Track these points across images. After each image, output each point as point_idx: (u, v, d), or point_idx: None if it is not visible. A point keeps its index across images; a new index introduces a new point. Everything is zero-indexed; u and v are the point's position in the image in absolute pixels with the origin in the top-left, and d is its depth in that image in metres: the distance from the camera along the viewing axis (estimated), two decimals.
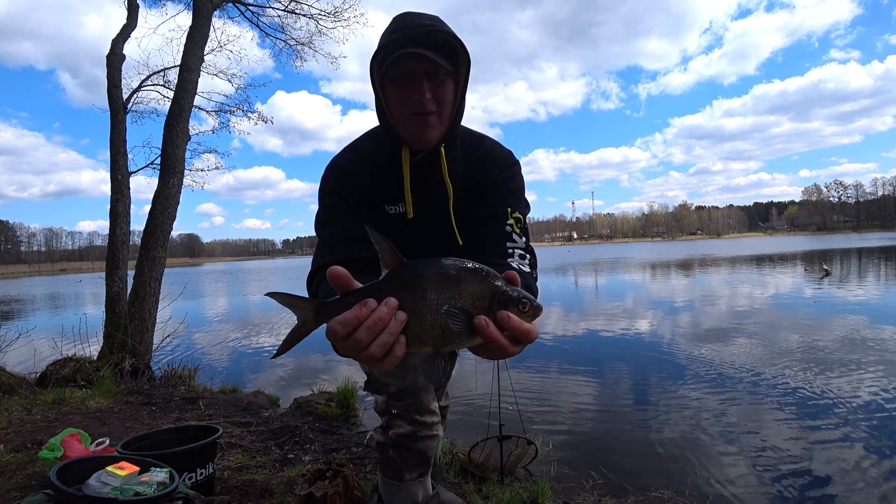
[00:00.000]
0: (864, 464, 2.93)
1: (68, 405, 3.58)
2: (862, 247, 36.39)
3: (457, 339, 0.64)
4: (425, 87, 1.06)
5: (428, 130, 1.10)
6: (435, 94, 1.07)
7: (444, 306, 0.62)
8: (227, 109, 6.74)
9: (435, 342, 0.64)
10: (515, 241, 1.13)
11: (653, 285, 15.86)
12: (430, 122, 1.09)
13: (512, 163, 1.29)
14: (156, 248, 5.17)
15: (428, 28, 1.05)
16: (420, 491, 1.46)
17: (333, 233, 1.16)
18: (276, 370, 6.23)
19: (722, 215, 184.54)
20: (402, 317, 0.62)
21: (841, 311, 8.49)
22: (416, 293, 0.62)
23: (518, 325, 0.62)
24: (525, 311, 0.64)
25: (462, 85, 1.12)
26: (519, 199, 1.24)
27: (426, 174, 1.19)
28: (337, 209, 1.19)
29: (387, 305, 0.61)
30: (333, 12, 6.84)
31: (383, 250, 0.65)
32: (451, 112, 1.13)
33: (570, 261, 36.52)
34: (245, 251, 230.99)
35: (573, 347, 6.74)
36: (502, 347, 0.62)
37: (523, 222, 1.18)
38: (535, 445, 2.70)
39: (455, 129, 1.17)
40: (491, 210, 1.18)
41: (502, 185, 1.24)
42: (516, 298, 0.64)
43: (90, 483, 1.51)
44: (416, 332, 0.63)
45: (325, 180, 1.24)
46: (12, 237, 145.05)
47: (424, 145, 1.14)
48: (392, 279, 0.64)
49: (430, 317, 0.63)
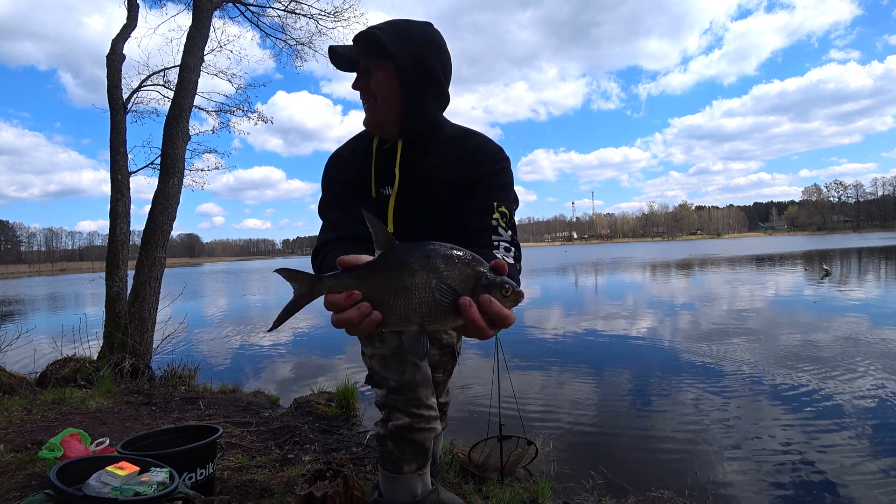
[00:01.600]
0: (864, 463, 2.93)
1: (68, 405, 3.58)
2: (862, 247, 36.40)
3: (441, 317, 0.68)
4: (357, 78, 1.24)
5: (367, 114, 1.27)
6: (362, 82, 1.23)
7: (433, 282, 0.66)
8: (227, 109, 6.74)
9: (421, 320, 0.68)
10: (501, 235, 1.17)
11: (653, 285, 15.86)
12: (366, 109, 1.26)
13: (501, 158, 1.33)
14: (156, 248, 5.17)
15: (367, 30, 1.20)
16: (419, 484, 1.47)
17: (337, 214, 1.27)
18: (276, 370, 6.24)
19: (722, 215, 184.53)
20: (375, 318, 0.67)
21: (841, 311, 8.49)
22: (405, 273, 0.67)
23: (498, 310, 0.67)
24: (507, 296, 0.68)
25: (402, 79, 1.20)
26: (507, 193, 1.28)
27: (387, 163, 1.31)
28: (338, 195, 1.31)
29: (359, 310, 0.67)
30: (333, 12, 6.84)
31: (378, 232, 0.71)
32: (394, 99, 1.22)
33: (569, 261, 36.52)
34: (245, 251, 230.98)
35: (573, 347, 6.74)
36: (480, 329, 0.68)
37: (509, 217, 1.22)
38: (535, 445, 2.71)
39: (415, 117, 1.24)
40: (478, 204, 1.23)
41: (490, 180, 1.28)
42: (499, 283, 0.68)
43: (90, 483, 1.51)
44: (404, 310, 0.68)
45: (327, 168, 1.37)
46: (12, 237, 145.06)
47: (374, 130, 1.30)
48: (385, 259, 0.69)
49: (418, 296, 0.67)
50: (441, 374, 1.71)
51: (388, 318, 0.68)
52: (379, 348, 1.43)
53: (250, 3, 6.76)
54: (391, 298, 0.68)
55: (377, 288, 0.68)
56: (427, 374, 1.46)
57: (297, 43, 7.14)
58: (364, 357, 1.50)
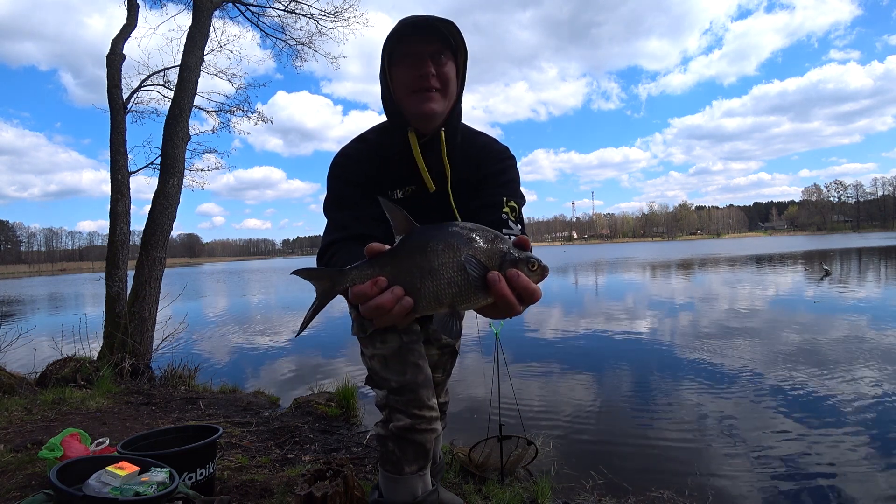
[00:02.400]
0: (864, 463, 2.93)
1: (68, 405, 3.58)
2: (862, 246, 36.39)
3: (472, 295, 0.66)
4: (429, 64, 1.16)
5: (430, 103, 1.18)
6: (438, 73, 1.17)
7: (461, 257, 0.65)
8: (227, 109, 6.76)
9: (452, 300, 0.67)
10: (511, 229, 1.17)
11: (653, 286, 15.86)
12: (433, 97, 1.18)
13: (507, 156, 1.35)
14: (156, 248, 5.17)
15: (433, 18, 1.14)
16: (420, 485, 1.47)
17: (342, 213, 1.23)
18: (276, 370, 6.24)
19: (722, 215, 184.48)
20: (407, 303, 0.65)
21: (841, 310, 8.49)
22: (431, 254, 0.66)
23: (526, 284, 0.66)
24: (533, 270, 0.68)
25: (461, 75, 1.22)
26: (514, 189, 1.28)
27: (429, 155, 1.27)
28: (345, 195, 1.26)
29: (392, 293, 0.65)
30: (333, 12, 6.85)
31: (397, 218, 0.69)
32: (454, 92, 1.22)
33: (569, 261, 36.51)
34: (245, 251, 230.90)
35: (573, 347, 6.74)
36: (510, 305, 0.66)
37: (518, 211, 1.23)
38: (535, 445, 2.71)
39: (456, 112, 1.25)
40: (487, 200, 1.23)
41: (497, 176, 1.29)
42: (525, 258, 0.68)
43: (90, 483, 1.51)
44: (433, 291, 0.66)
45: (333, 167, 1.32)
46: (12, 237, 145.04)
47: (427, 120, 1.21)
48: (407, 244, 0.68)
49: (447, 275, 0.65)
50: (441, 374, 1.71)
51: (419, 302, 0.66)
52: (379, 349, 1.43)
53: (250, 3, 6.77)
54: (419, 281, 0.66)
55: (403, 272, 0.66)
56: (428, 374, 1.46)
57: (297, 43, 7.16)
58: (364, 358, 1.50)
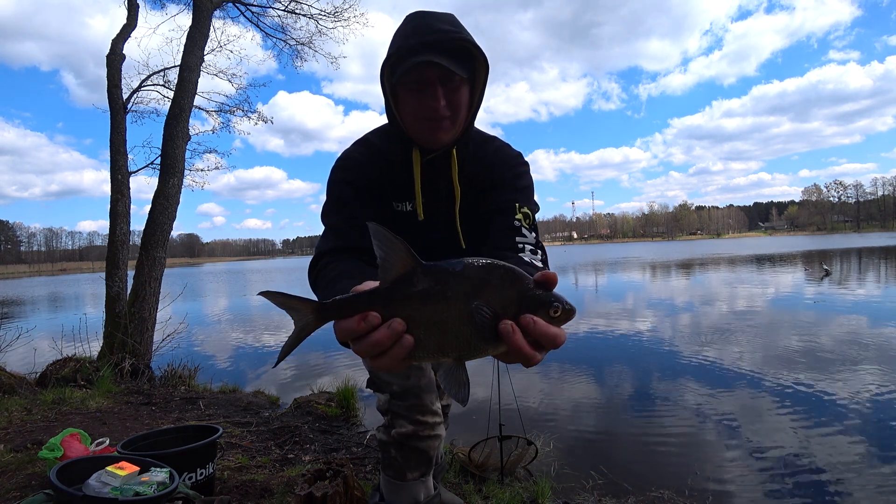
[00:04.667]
0: (863, 463, 2.93)
1: (68, 405, 3.58)
2: (862, 246, 36.37)
3: (482, 347, 0.57)
4: (440, 93, 1.05)
5: (440, 133, 1.11)
6: (449, 101, 1.07)
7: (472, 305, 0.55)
8: (227, 109, 6.76)
9: (458, 353, 0.58)
10: (525, 236, 1.10)
11: (653, 286, 15.85)
12: (443, 126, 1.10)
13: (520, 163, 1.29)
14: (156, 248, 5.17)
15: (445, 34, 1.04)
16: (422, 491, 1.46)
17: (341, 220, 1.16)
18: (276, 370, 6.23)
19: (722, 215, 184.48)
20: (407, 342, 0.55)
21: (841, 310, 8.48)
22: (439, 304, 0.55)
23: (545, 331, 0.56)
24: (556, 316, 0.57)
25: (480, 89, 1.13)
26: (527, 196, 1.22)
27: (436, 175, 1.20)
28: (345, 198, 1.19)
29: (389, 328, 0.54)
30: (333, 12, 6.85)
31: (396, 251, 0.56)
32: (465, 116, 1.14)
33: (569, 261, 36.50)
34: (245, 251, 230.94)
35: (573, 347, 6.73)
36: (526, 357, 0.56)
37: (532, 218, 1.16)
38: (535, 445, 2.70)
39: (468, 132, 1.18)
40: (498, 206, 1.17)
41: (510, 183, 1.23)
42: (547, 302, 0.57)
43: (90, 483, 1.51)
44: (437, 343, 0.56)
45: (334, 170, 1.25)
46: (12, 237, 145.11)
47: (435, 147, 1.14)
48: (409, 286, 0.56)
49: (454, 329, 0.56)
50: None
51: (417, 351, 0.56)
52: None
53: (250, 3, 6.77)
54: (422, 332, 0.56)
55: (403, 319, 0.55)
56: (431, 378, 1.42)
57: (298, 43, 7.16)
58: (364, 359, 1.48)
